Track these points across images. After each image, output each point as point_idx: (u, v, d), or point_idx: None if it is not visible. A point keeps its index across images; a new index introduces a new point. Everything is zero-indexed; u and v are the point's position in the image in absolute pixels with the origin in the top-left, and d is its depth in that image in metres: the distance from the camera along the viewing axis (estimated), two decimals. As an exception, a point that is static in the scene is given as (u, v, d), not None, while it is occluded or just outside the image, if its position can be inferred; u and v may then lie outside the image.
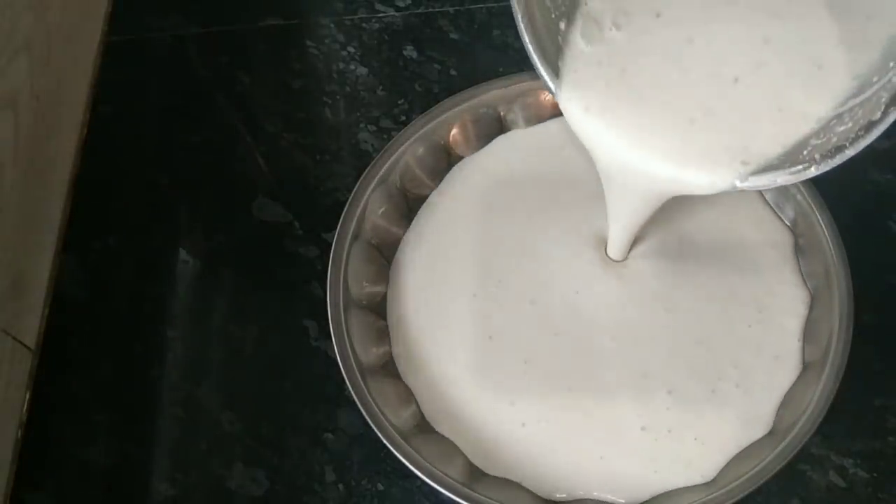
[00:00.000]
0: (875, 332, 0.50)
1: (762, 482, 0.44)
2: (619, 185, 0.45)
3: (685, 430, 0.47)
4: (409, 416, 0.48)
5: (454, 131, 0.55)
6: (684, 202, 0.46)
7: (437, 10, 0.63)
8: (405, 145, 0.54)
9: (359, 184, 0.53)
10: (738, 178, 0.40)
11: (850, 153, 0.37)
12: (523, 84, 0.55)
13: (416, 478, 0.45)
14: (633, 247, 0.51)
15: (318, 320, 0.52)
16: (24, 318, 0.51)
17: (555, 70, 0.42)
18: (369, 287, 0.52)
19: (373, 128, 0.58)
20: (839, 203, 0.50)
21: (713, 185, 0.41)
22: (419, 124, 0.55)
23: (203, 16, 0.64)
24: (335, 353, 0.48)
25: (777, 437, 0.46)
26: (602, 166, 0.44)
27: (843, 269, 0.49)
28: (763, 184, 0.40)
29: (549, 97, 0.50)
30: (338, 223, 0.52)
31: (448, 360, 0.50)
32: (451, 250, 0.53)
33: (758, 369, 0.49)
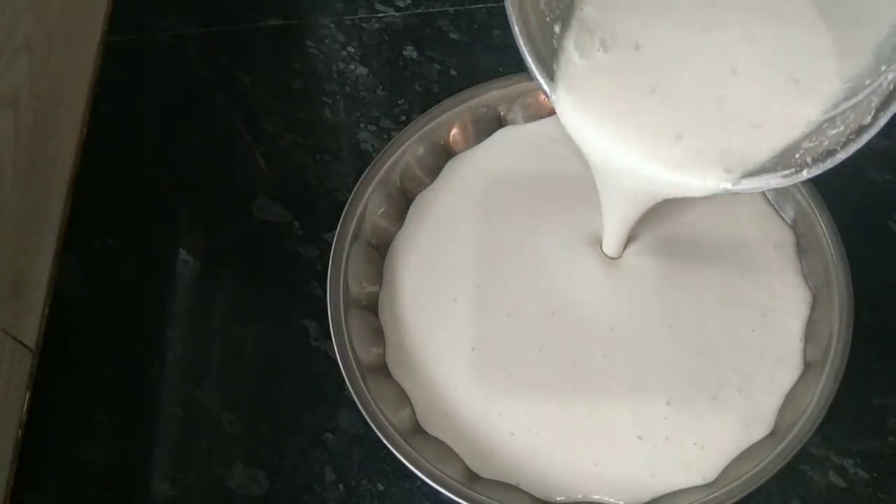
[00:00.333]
0: (875, 332, 0.50)
1: (762, 482, 0.44)
2: (612, 186, 0.45)
3: (684, 436, 0.47)
4: (408, 416, 0.48)
5: (454, 131, 0.55)
6: (683, 199, 0.46)
7: (437, 10, 0.63)
8: (405, 145, 0.54)
9: (359, 184, 0.53)
10: (730, 182, 0.40)
11: (841, 157, 0.38)
12: (523, 84, 0.55)
13: (416, 478, 0.45)
14: (630, 244, 0.51)
15: (318, 320, 0.52)
16: (24, 318, 0.51)
17: (549, 73, 0.43)
18: (369, 287, 0.52)
19: (373, 128, 0.58)
20: (839, 203, 0.50)
21: (705, 188, 0.41)
22: (419, 124, 0.55)
23: (203, 16, 0.64)
24: (335, 353, 0.48)
25: (777, 437, 0.46)
26: (595, 167, 0.45)
27: (842, 269, 0.49)
28: (755, 187, 0.40)
29: (549, 97, 0.51)
30: (338, 223, 0.52)
31: (440, 363, 0.49)
32: (444, 249, 0.53)
33: (759, 372, 0.48)
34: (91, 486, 0.49)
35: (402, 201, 0.54)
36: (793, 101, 0.41)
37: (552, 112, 0.55)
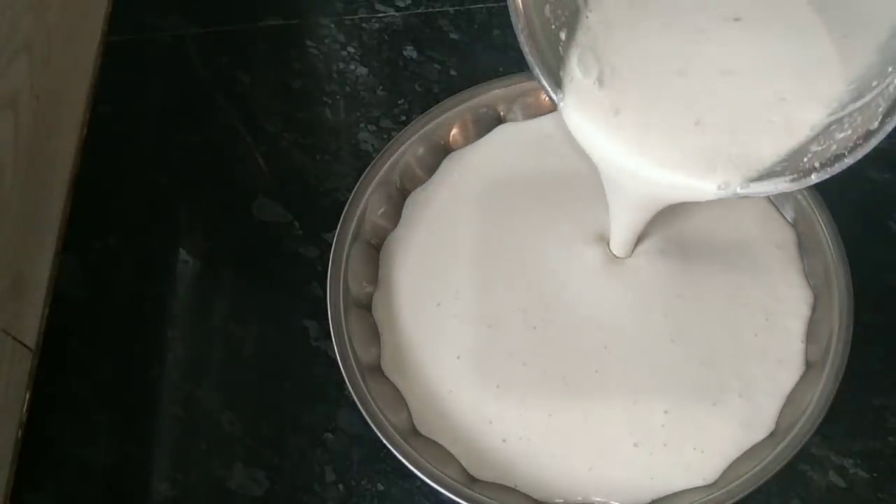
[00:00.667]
0: (875, 332, 0.50)
1: (762, 482, 0.44)
2: (622, 191, 0.45)
3: (683, 442, 0.47)
4: (407, 416, 0.48)
5: (454, 131, 0.55)
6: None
7: (437, 10, 0.63)
8: (405, 145, 0.54)
9: (359, 184, 0.53)
10: (738, 186, 0.41)
11: (848, 162, 0.38)
12: (523, 84, 0.55)
13: (416, 478, 0.45)
14: (638, 243, 0.50)
15: (318, 320, 0.52)
16: (24, 318, 0.51)
17: (557, 80, 0.43)
18: (369, 287, 0.52)
19: (373, 128, 0.58)
20: (839, 203, 0.50)
21: (713, 193, 0.41)
22: (419, 124, 0.55)
23: (203, 16, 0.64)
24: (335, 353, 0.48)
25: (777, 437, 0.46)
26: (604, 173, 0.45)
27: (843, 269, 0.49)
28: (764, 191, 0.40)
29: (549, 97, 0.51)
30: (338, 223, 0.52)
31: (435, 365, 0.49)
32: (440, 247, 0.52)
33: (761, 376, 0.48)
34: (91, 486, 0.49)
35: (402, 201, 0.54)
36: (796, 105, 0.41)
37: (552, 110, 0.55)
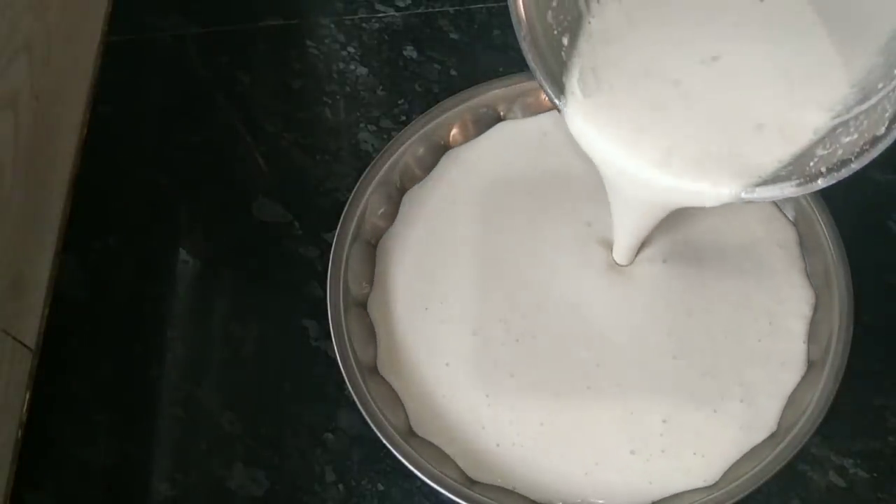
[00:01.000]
0: (875, 332, 0.50)
1: (762, 482, 0.44)
2: (625, 196, 0.45)
3: (682, 448, 0.46)
4: (406, 416, 0.48)
5: (454, 131, 0.55)
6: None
7: (437, 10, 0.63)
8: (405, 145, 0.54)
9: (359, 184, 0.53)
10: (743, 191, 0.41)
11: (855, 167, 0.38)
12: (523, 84, 0.55)
13: (416, 478, 0.45)
14: (640, 250, 0.50)
15: (318, 320, 0.52)
16: (24, 318, 0.51)
17: (560, 86, 0.43)
18: (368, 287, 0.52)
19: (373, 128, 0.58)
20: (839, 203, 0.50)
21: (718, 198, 0.41)
22: (419, 124, 0.55)
23: (203, 16, 0.64)
24: (335, 353, 0.48)
25: (777, 437, 0.46)
26: (608, 179, 0.45)
27: (843, 269, 0.49)
28: (769, 196, 0.40)
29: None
30: (338, 223, 0.52)
31: (429, 366, 0.49)
32: (436, 246, 0.52)
33: (764, 379, 0.48)
34: (91, 486, 0.49)
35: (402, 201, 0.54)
36: (798, 108, 0.41)
37: (552, 109, 0.55)
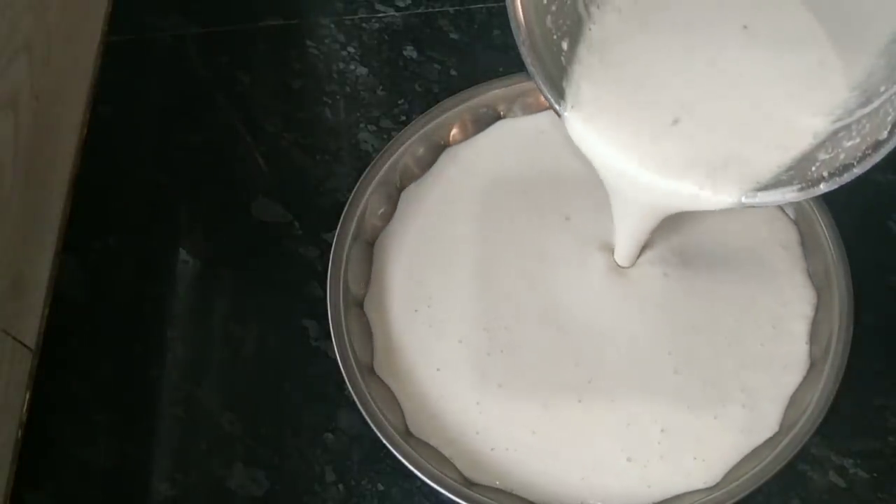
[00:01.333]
0: (875, 332, 0.50)
1: (762, 482, 0.44)
2: (625, 198, 0.45)
3: (681, 454, 0.46)
4: (403, 416, 0.48)
5: (454, 131, 0.55)
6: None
7: (437, 10, 0.63)
8: (405, 145, 0.54)
9: (359, 184, 0.53)
10: (744, 196, 0.41)
11: (857, 172, 0.37)
12: (523, 84, 0.55)
13: (416, 478, 0.45)
14: (642, 252, 0.50)
15: (318, 320, 0.52)
16: (24, 318, 0.51)
17: (559, 90, 0.43)
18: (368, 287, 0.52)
19: (373, 128, 0.58)
20: (839, 203, 0.50)
21: (718, 202, 0.41)
22: (419, 124, 0.55)
23: (203, 16, 0.64)
24: (335, 353, 0.48)
25: (777, 437, 0.46)
26: (607, 182, 0.45)
27: (843, 269, 0.49)
28: (771, 200, 0.40)
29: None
30: (338, 223, 0.52)
31: (425, 367, 0.49)
32: (431, 247, 0.52)
33: (766, 382, 0.47)
34: (91, 486, 0.49)
35: (402, 201, 0.54)
36: (798, 112, 0.41)
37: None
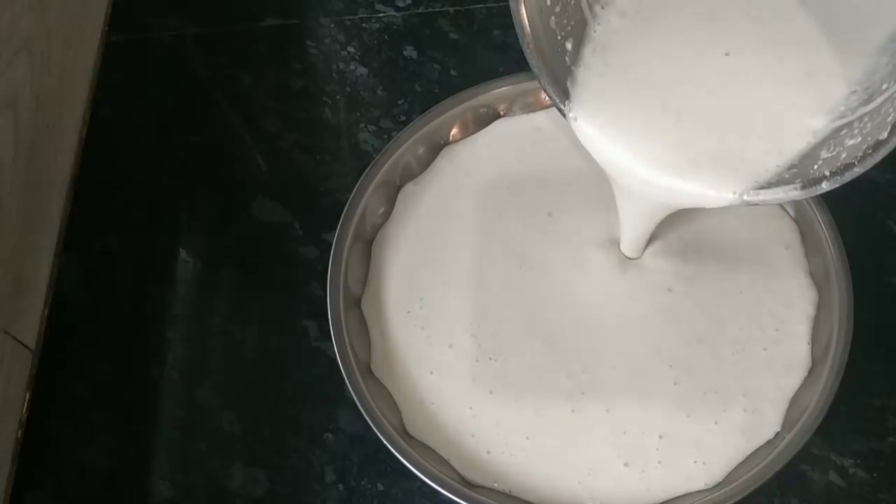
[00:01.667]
0: (875, 332, 0.50)
1: (762, 482, 0.44)
2: (630, 195, 0.45)
3: (681, 459, 0.46)
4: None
5: (454, 131, 0.55)
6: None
7: (437, 10, 0.63)
8: (405, 145, 0.54)
9: (359, 184, 0.53)
10: (745, 194, 0.41)
11: (858, 171, 0.37)
12: (523, 84, 0.55)
13: (416, 478, 0.45)
14: (649, 244, 0.50)
15: (318, 320, 0.52)
16: (24, 318, 0.51)
17: (564, 90, 0.43)
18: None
19: (373, 128, 0.58)
20: (839, 203, 0.50)
21: (719, 200, 0.41)
22: (419, 124, 0.55)
23: (203, 16, 0.64)
24: (335, 353, 0.48)
25: (777, 437, 0.46)
26: (612, 179, 0.45)
27: (843, 269, 0.49)
28: (772, 199, 0.40)
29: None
30: (338, 223, 0.52)
31: (415, 373, 0.49)
32: (427, 247, 0.52)
33: (768, 386, 0.47)
34: (91, 486, 0.49)
35: (402, 201, 0.54)
36: (795, 112, 0.41)
37: (550, 106, 0.55)
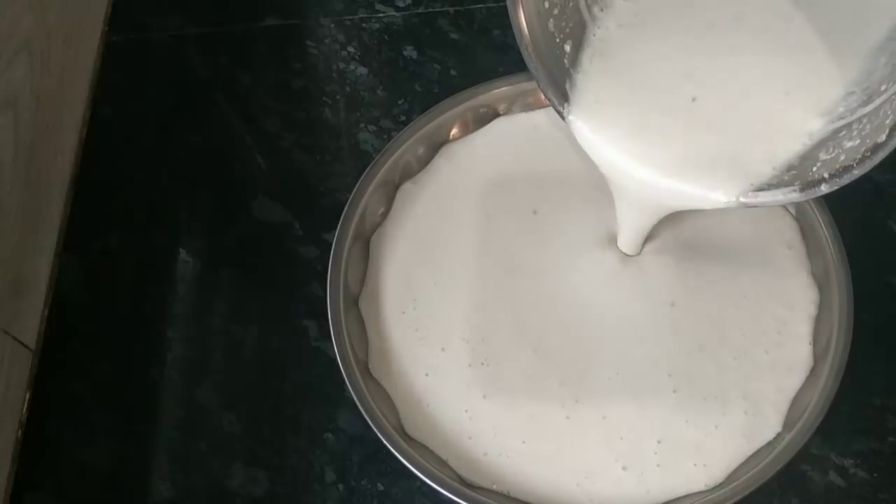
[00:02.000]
0: (875, 332, 0.50)
1: (762, 482, 0.44)
2: (627, 196, 0.45)
3: (680, 462, 0.46)
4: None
5: (454, 131, 0.55)
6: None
7: (437, 10, 0.63)
8: (405, 145, 0.54)
9: (359, 184, 0.53)
10: (744, 196, 0.41)
11: (857, 173, 0.38)
12: (523, 84, 0.55)
13: (416, 478, 0.45)
14: (647, 241, 0.49)
15: (318, 320, 0.52)
16: (24, 318, 0.51)
17: (562, 93, 0.43)
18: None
19: (373, 128, 0.58)
20: (839, 203, 0.50)
21: (718, 203, 0.41)
22: (419, 124, 0.55)
23: (203, 16, 0.64)
24: (335, 353, 0.48)
25: (777, 437, 0.46)
26: (611, 180, 0.45)
27: (843, 269, 0.49)
28: (771, 201, 0.40)
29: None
30: (338, 223, 0.52)
31: (410, 375, 0.48)
32: (423, 247, 0.52)
33: (769, 388, 0.47)
34: (91, 486, 0.49)
35: (402, 201, 0.54)
36: (791, 114, 0.41)
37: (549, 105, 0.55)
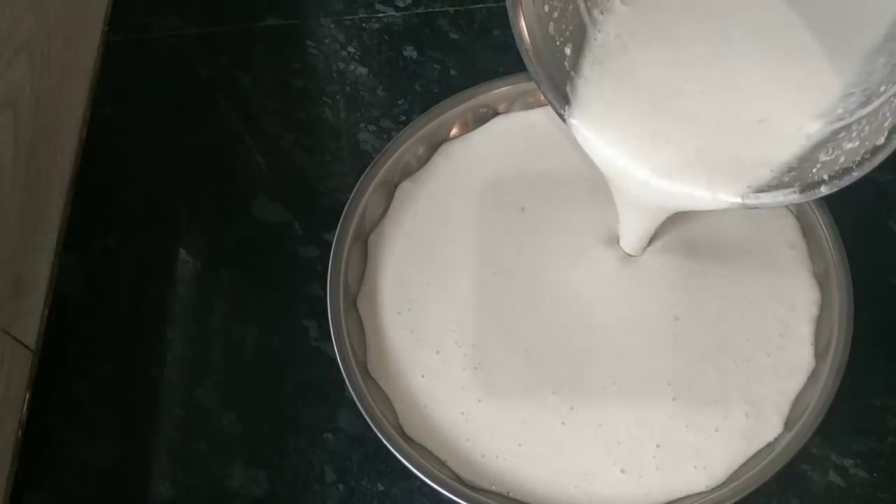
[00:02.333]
0: (875, 332, 0.50)
1: (762, 482, 0.44)
2: (629, 199, 0.45)
3: (679, 465, 0.46)
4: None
5: (454, 131, 0.55)
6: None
7: (437, 10, 0.63)
8: (405, 145, 0.54)
9: (359, 184, 0.53)
10: (743, 197, 0.41)
11: (857, 175, 0.38)
12: (523, 84, 0.55)
13: (416, 478, 0.45)
14: (650, 242, 0.49)
15: (318, 320, 0.52)
16: (24, 318, 0.51)
17: (563, 96, 0.43)
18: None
19: (373, 128, 0.58)
20: (839, 203, 0.50)
21: (717, 204, 0.41)
22: (419, 124, 0.55)
23: (203, 16, 0.64)
24: (335, 353, 0.48)
25: (778, 438, 0.46)
26: (612, 182, 0.45)
27: (843, 269, 0.49)
28: (771, 202, 0.41)
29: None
30: (338, 223, 0.52)
31: (408, 375, 0.48)
32: (421, 247, 0.52)
33: (771, 391, 0.47)
34: (91, 486, 0.49)
35: (402, 201, 0.54)
36: (789, 116, 0.42)
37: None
